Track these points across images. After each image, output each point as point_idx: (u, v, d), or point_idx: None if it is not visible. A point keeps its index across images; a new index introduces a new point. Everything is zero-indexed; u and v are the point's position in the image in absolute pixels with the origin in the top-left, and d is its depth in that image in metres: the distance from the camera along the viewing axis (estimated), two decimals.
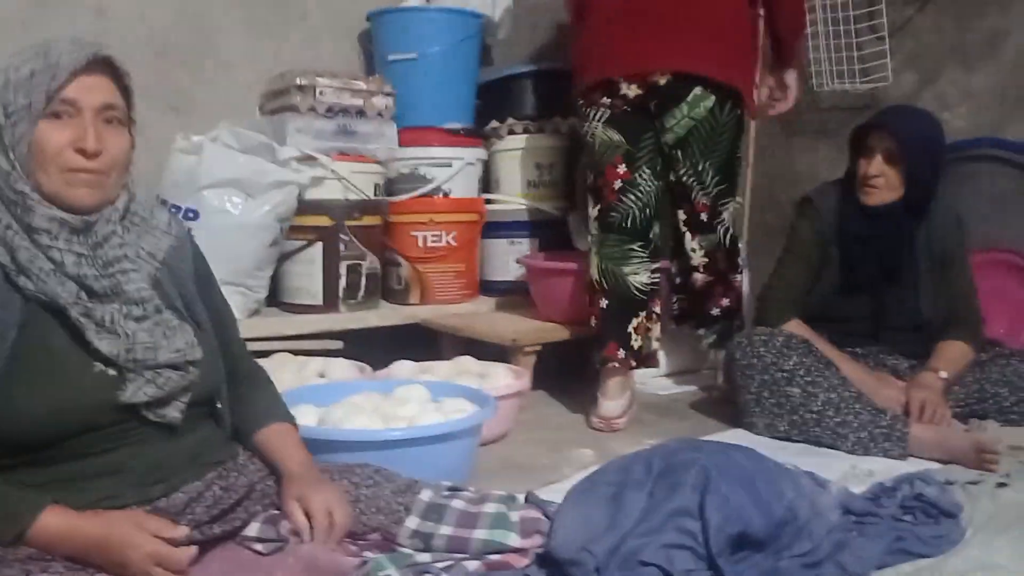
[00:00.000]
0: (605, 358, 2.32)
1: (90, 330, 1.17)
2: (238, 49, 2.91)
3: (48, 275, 1.16)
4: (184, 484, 1.26)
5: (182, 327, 1.27)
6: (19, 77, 1.16)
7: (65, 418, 1.16)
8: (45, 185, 1.17)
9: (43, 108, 1.16)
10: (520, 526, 1.34)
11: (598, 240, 2.37)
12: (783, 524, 1.26)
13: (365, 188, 2.72)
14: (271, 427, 1.41)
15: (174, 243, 1.34)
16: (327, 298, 2.68)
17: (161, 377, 1.21)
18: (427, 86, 2.89)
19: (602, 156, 2.34)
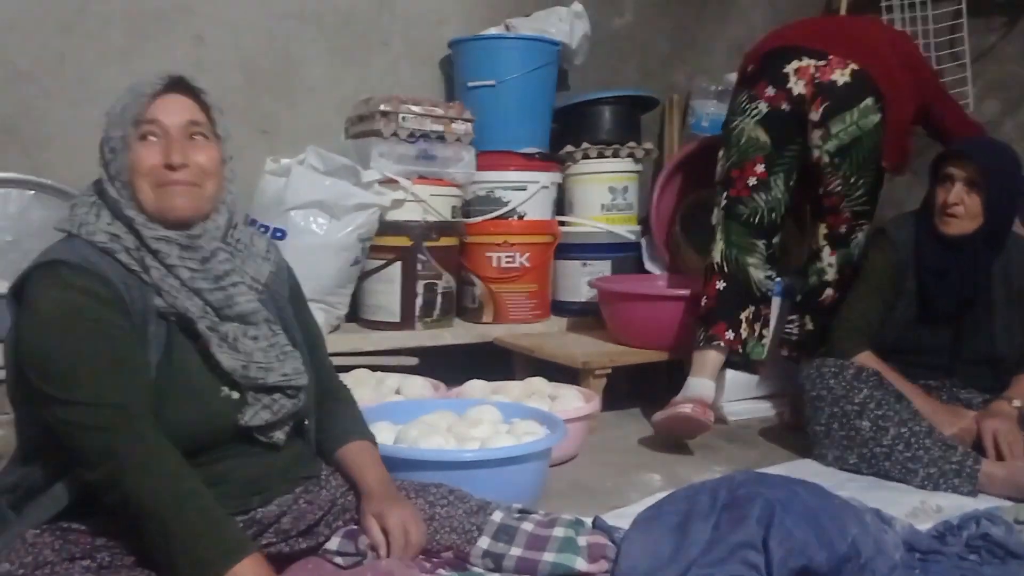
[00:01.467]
0: (711, 336, 2.38)
1: (214, 343, 1.26)
2: (323, 75, 3.02)
3: (178, 291, 1.26)
4: (277, 497, 1.35)
5: (294, 353, 1.35)
6: (114, 114, 1.29)
7: (194, 436, 1.25)
8: (147, 204, 1.27)
9: (133, 133, 1.27)
10: (588, 551, 1.39)
11: (724, 227, 2.43)
12: (846, 560, 1.29)
13: (443, 210, 2.80)
14: (351, 444, 1.47)
15: (273, 268, 1.44)
16: (404, 316, 2.77)
17: (276, 404, 1.31)
18: (505, 112, 2.96)
19: (744, 151, 2.41)
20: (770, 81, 2.37)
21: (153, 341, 1.24)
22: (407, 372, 2.52)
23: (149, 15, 2.73)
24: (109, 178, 1.29)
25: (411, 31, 3.17)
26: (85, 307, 1.20)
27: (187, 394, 1.25)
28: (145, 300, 1.25)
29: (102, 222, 1.27)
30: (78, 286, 1.20)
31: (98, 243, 1.25)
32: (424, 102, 2.80)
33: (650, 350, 2.69)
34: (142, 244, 1.27)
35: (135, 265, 1.25)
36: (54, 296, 1.20)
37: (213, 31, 2.84)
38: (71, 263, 1.21)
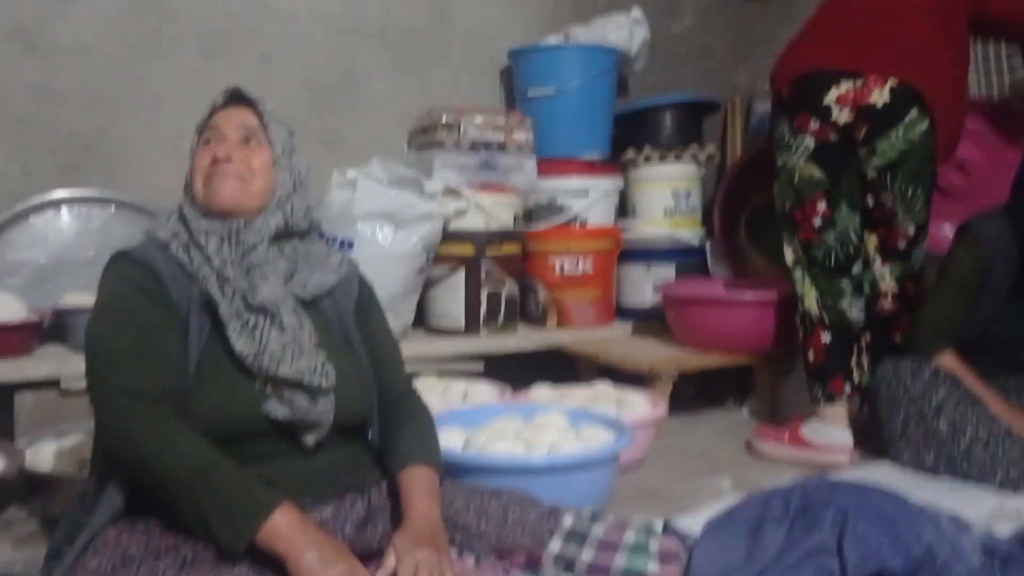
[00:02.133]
0: (831, 394, 2.30)
1: (231, 327, 1.32)
2: (385, 89, 3.09)
3: (209, 279, 1.34)
4: (331, 501, 1.37)
5: (314, 352, 1.36)
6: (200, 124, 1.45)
7: (225, 422, 1.30)
8: (198, 197, 1.40)
9: (198, 140, 1.43)
10: (659, 555, 1.39)
11: (809, 273, 2.33)
12: (922, 564, 1.26)
13: (505, 218, 2.83)
14: (408, 470, 1.40)
15: (341, 279, 1.50)
16: (469, 322, 2.80)
17: (295, 402, 1.32)
18: (565, 119, 2.98)
19: (801, 190, 2.30)
20: (812, 113, 2.23)
21: (195, 331, 1.32)
22: (473, 378, 2.55)
23: (218, 36, 2.83)
24: (184, 186, 1.44)
25: (471, 43, 3.21)
26: (131, 298, 1.32)
27: (219, 381, 1.31)
28: (189, 291, 1.34)
29: (172, 220, 1.41)
30: (127, 277, 1.33)
31: (160, 239, 1.38)
32: (485, 112, 2.84)
33: (717, 354, 2.67)
34: (190, 236, 1.38)
35: (183, 257, 1.36)
36: (111, 286, 1.34)
37: (279, 49, 2.92)
38: (130, 256, 1.35)
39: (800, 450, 2.26)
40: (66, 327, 2.40)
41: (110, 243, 2.61)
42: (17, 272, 2.54)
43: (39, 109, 2.61)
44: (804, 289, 2.34)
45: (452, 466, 1.68)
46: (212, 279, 1.34)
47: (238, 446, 1.30)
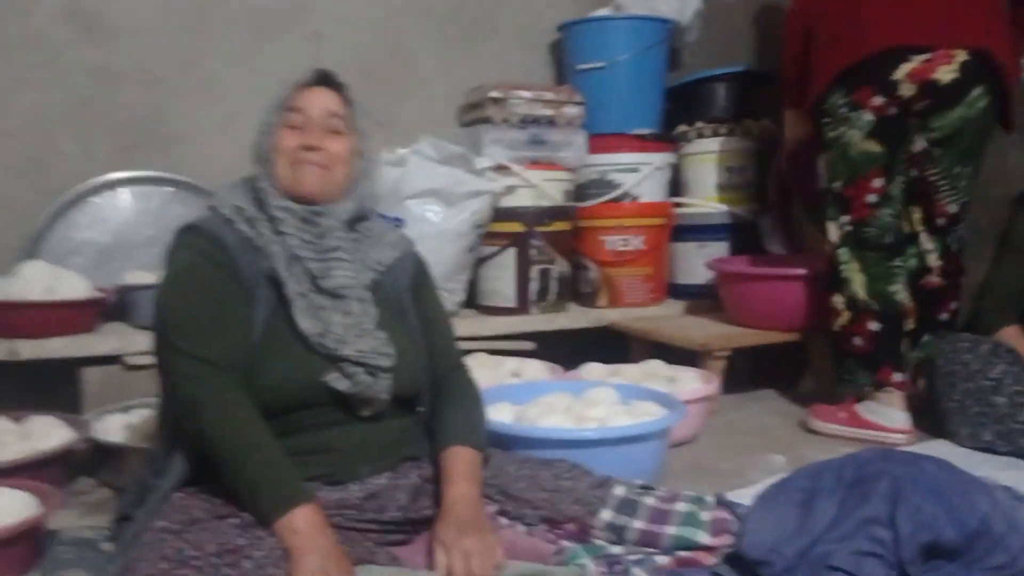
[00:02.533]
0: (880, 382, 2.21)
1: (297, 307, 1.36)
2: (434, 66, 3.09)
3: (277, 257, 1.38)
4: (387, 469, 1.41)
5: (374, 333, 1.40)
6: (270, 103, 1.46)
7: (288, 392, 1.35)
8: (280, 179, 1.43)
9: (280, 118, 1.44)
10: (710, 525, 1.39)
11: (857, 257, 2.23)
12: (976, 536, 1.24)
13: (555, 195, 2.82)
14: (450, 450, 1.41)
15: (399, 256, 1.54)
16: (519, 301, 2.80)
17: (356, 377, 1.36)
18: (615, 93, 2.95)
19: (857, 167, 2.20)
20: (878, 89, 2.13)
21: (260, 302, 1.37)
22: (524, 356, 2.56)
23: (269, 16, 2.86)
24: (255, 157, 1.46)
25: (520, 17, 3.20)
26: (200, 268, 1.37)
27: (283, 352, 1.35)
28: (257, 265, 1.38)
29: (235, 196, 1.44)
30: (197, 247, 1.38)
31: (224, 214, 1.41)
32: (534, 87, 2.83)
33: (771, 331, 2.63)
34: (263, 212, 1.41)
35: (250, 232, 1.39)
36: (180, 257, 1.39)
37: (329, 28, 2.94)
38: (199, 227, 1.40)
39: (857, 429, 2.22)
40: (128, 305, 2.47)
41: (168, 223, 2.65)
42: (80, 252, 2.61)
43: (98, 91, 2.67)
44: (850, 272, 2.23)
45: (503, 439, 1.69)
46: (280, 257, 1.38)
47: (299, 414, 1.36)
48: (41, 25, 2.59)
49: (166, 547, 1.18)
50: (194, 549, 1.17)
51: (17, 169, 2.59)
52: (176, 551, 1.17)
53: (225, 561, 1.16)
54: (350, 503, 1.35)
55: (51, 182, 2.61)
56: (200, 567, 1.15)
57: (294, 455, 1.32)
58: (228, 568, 1.15)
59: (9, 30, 2.56)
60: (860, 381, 2.24)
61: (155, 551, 1.18)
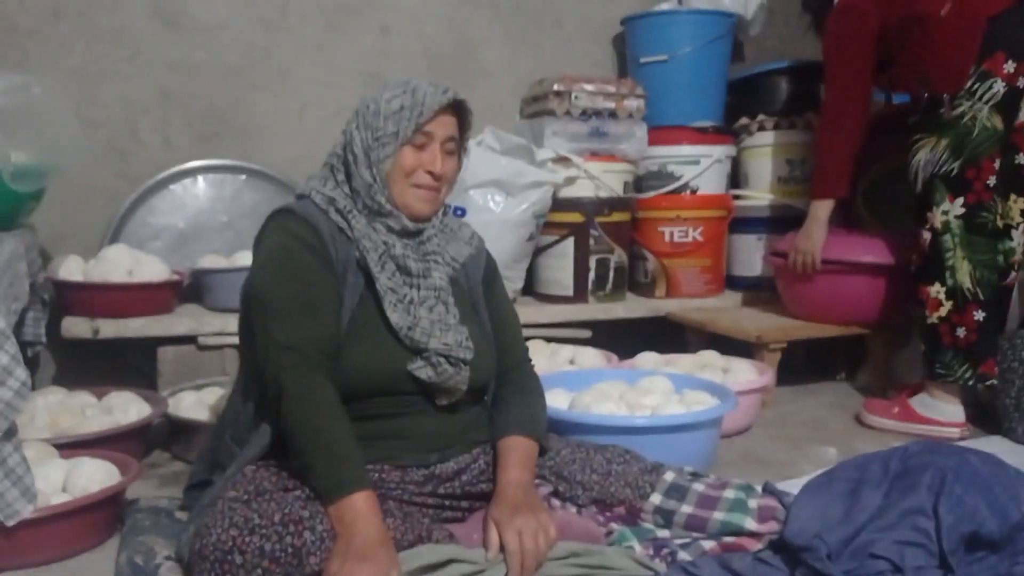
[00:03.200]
0: (983, 375, 2.14)
1: (387, 300, 1.43)
2: (498, 58, 3.15)
3: (370, 251, 1.44)
4: (455, 455, 1.47)
5: (458, 328, 1.47)
6: (390, 109, 1.44)
7: (372, 376, 1.42)
8: (397, 197, 1.47)
9: (409, 136, 1.44)
10: (757, 512, 1.43)
11: (967, 243, 2.14)
12: (1019, 528, 1.26)
13: (615, 186, 2.86)
14: (507, 439, 1.47)
15: (473, 252, 1.60)
16: (577, 289, 2.85)
17: (440, 367, 1.43)
18: (677, 86, 2.98)
19: (979, 145, 2.10)
20: (1009, 53, 2.03)
21: (350, 289, 1.43)
22: (581, 344, 2.61)
23: (341, 9, 2.94)
24: (363, 160, 1.46)
25: (583, 10, 3.23)
26: (295, 251, 1.41)
27: (370, 339, 1.42)
28: (348, 252, 1.44)
29: (327, 187, 1.49)
30: (292, 232, 1.43)
31: (317, 202, 1.47)
32: (596, 80, 2.86)
33: (828, 324, 2.63)
34: (355, 204, 1.46)
35: (342, 222, 1.45)
36: (274, 240, 1.44)
37: (397, 21, 3.01)
38: (295, 212, 1.45)
39: (911, 423, 2.22)
40: (202, 287, 2.58)
41: (241, 209, 2.79)
42: (159, 236, 2.74)
43: (178, 83, 2.79)
44: (956, 261, 2.14)
45: (558, 424, 1.75)
46: (372, 250, 1.44)
47: (378, 400, 1.43)
48: (126, 20, 2.72)
49: (236, 515, 1.25)
50: (260, 518, 1.24)
51: (102, 157, 2.72)
52: (245, 519, 1.24)
53: (289, 531, 1.23)
54: (412, 480, 1.43)
55: (133, 169, 2.74)
56: (266, 535, 1.22)
57: (368, 439, 1.39)
58: (291, 537, 1.22)
59: (97, 25, 2.69)
60: (961, 375, 2.15)
61: (226, 518, 1.25)
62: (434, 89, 1.46)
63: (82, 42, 2.67)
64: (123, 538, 1.52)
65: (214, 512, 1.29)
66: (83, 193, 2.69)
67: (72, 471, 1.56)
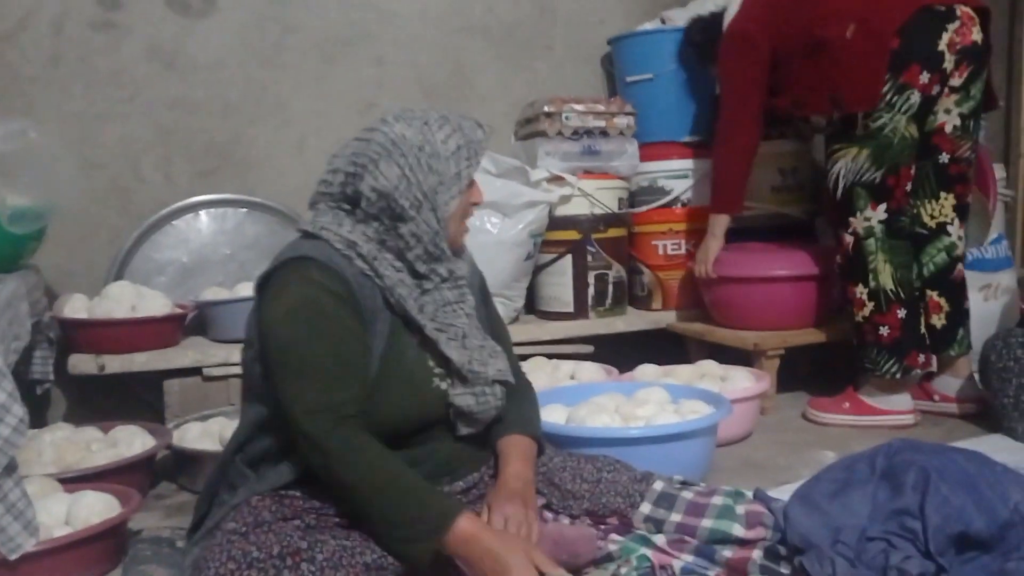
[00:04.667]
0: (908, 367, 2.27)
1: (443, 340, 1.41)
2: (492, 83, 3.20)
3: (407, 300, 1.40)
4: (465, 475, 1.48)
5: (501, 353, 1.50)
6: (448, 150, 1.39)
7: (407, 419, 1.40)
8: (452, 237, 1.44)
9: (471, 177, 1.42)
10: (745, 518, 1.44)
11: (887, 247, 2.25)
12: (1009, 526, 1.27)
13: (609, 203, 2.89)
14: (508, 437, 1.51)
15: (470, 270, 1.59)
16: (577, 305, 2.88)
17: (483, 395, 1.44)
18: (664, 103, 3.01)
19: (899, 154, 2.20)
20: (924, 65, 2.13)
21: (379, 334, 1.39)
22: (583, 359, 2.63)
23: (336, 42, 3.00)
24: (428, 206, 1.38)
25: (573, 33, 3.28)
26: (323, 303, 1.33)
27: (405, 381, 1.40)
28: (375, 298, 1.38)
29: (344, 228, 1.39)
30: (319, 282, 1.33)
31: (336, 246, 1.37)
32: (586, 100, 2.90)
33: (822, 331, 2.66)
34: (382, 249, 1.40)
35: (368, 270, 1.38)
36: (299, 291, 1.33)
37: (392, 52, 3.07)
38: (318, 260, 1.35)
39: (865, 416, 2.27)
40: (206, 319, 2.63)
41: (244, 241, 2.85)
42: (163, 271, 2.79)
43: (178, 121, 2.85)
44: (878, 264, 2.25)
45: (553, 439, 1.77)
46: (408, 297, 1.40)
47: (410, 437, 1.41)
48: (124, 63, 2.79)
49: (234, 548, 1.25)
50: (259, 551, 1.24)
51: (104, 196, 2.78)
52: (243, 552, 1.24)
53: (287, 564, 1.22)
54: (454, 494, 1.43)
55: (136, 207, 2.80)
56: (263, 568, 1.22)
57: None
58: (289, 571, 1.22)
59: (97, 67, 2.76)
60: (887, 369, 2.27)
61: (224, 552, 1.25)
62: (472, 124, 1.44)
63: (81, 86, 2.74)
64: (125, 568, 1.55)
65: (212, 544, 1.29)
66: (87, 232, 2.75)
67: (74, 504, 1.59)
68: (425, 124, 1.39)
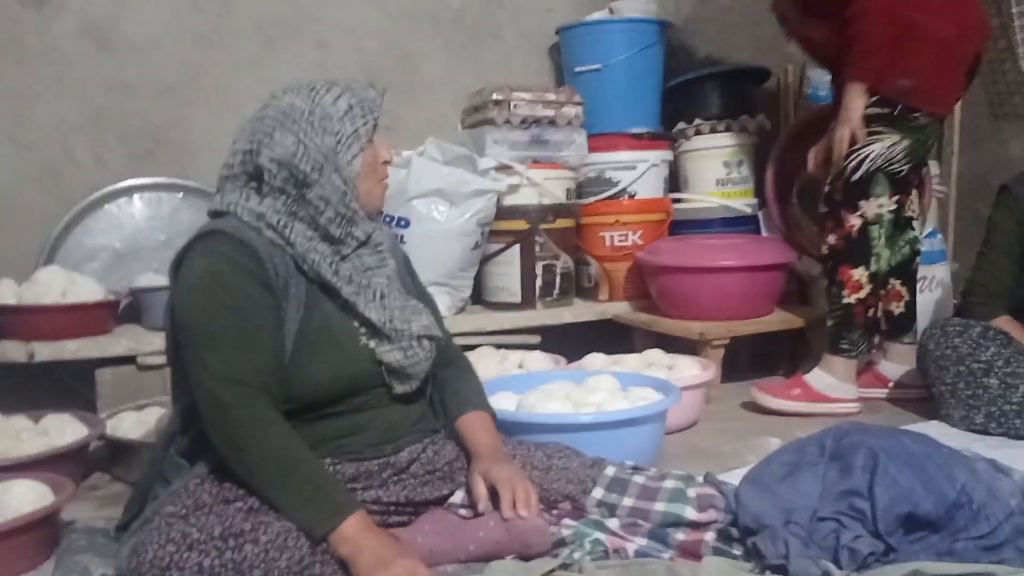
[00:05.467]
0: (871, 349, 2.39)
1: (361, 303, 1.42)
2: (439, 70, 3.16)
3: (322, 264, 1.40)
4: (408, 445, 1.48)
5: (424, 309, 1.50)
6: (339, 110, 1.40)
7: (336, 381, 1.41)
8: (365, 196, 1.45)
9: (371, 134, 1.44)
10: (697, 501, 1.44)
11: (889, 235, 2.30)
12: (956, 507, 1.29)
13: (558, 193, 2.88)
14: (470, 414, 1.55)
15: (391, 242, 1.59)
16: (525, 296, 2.86)
17: (411, 350, 1.44)
18: (613, 94, 3.01)
19: (927, 153, 2.37)
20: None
21: (294, 300, 1.38)
22: (530, 350, 2.61)
23: (277, 25, 2.93)
24: (330, 167, 1.38)
25: (521, 22, 3.26)
26: (228, 274, 1.33)
27: (330, 343, 1.40)
28: (287, 266, 1.39)
29: (251, 202, 1.40)
30: (225, 254, 1.34)
31: (245, 219, 1.39)
32: (534, 89, 2.89)
33: (767, 321, 2.69)
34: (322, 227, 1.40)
35: (279, 240, 1.39)
36: (204, 264, 1.34)
37: (336, 36, 3.01)
38: (226, 232, 1.36)
39: (815, 403, 2.31)
40: (141, 307, 2.54)
41: (179, 228, 2.76)
42: (95, 257, 2.69)
43: (112, 102, 2.75)
44: (880, 249, 2.28)
45: (504, 425, 1.74)
46: (323, 263, 1.40)
47: (343, 401, 1.42)
48: (57, 40, 2.68)
49: (173, 531, 1.22)
50: (199, 532, 1.21)
51: (35, 179, 2.67)
52: (182, 535, 1.21)
53: (229, 545, 1.20)
54: (367, 471, 1.43)
55: (67, 190, 2.69)
56: (205, 550, 1.19)
57: (327, 438, 1.40)
58: (231, 552, 1.19)
59: (27, 45, 2.65)
60: (861, 351, 2.33)
61: (163, 535, 1.21)
62: (362, 84, 1.47)
63: (11, 64, 2.63)
64: (58, 559, 1.48)
65: (151, 528, 1.25)
66: (16, 216, 2.64)
67: (4, 494, 1.51)
68: (312, 90, 1.42)
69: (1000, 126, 2.85)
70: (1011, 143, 2.88)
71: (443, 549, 1.40)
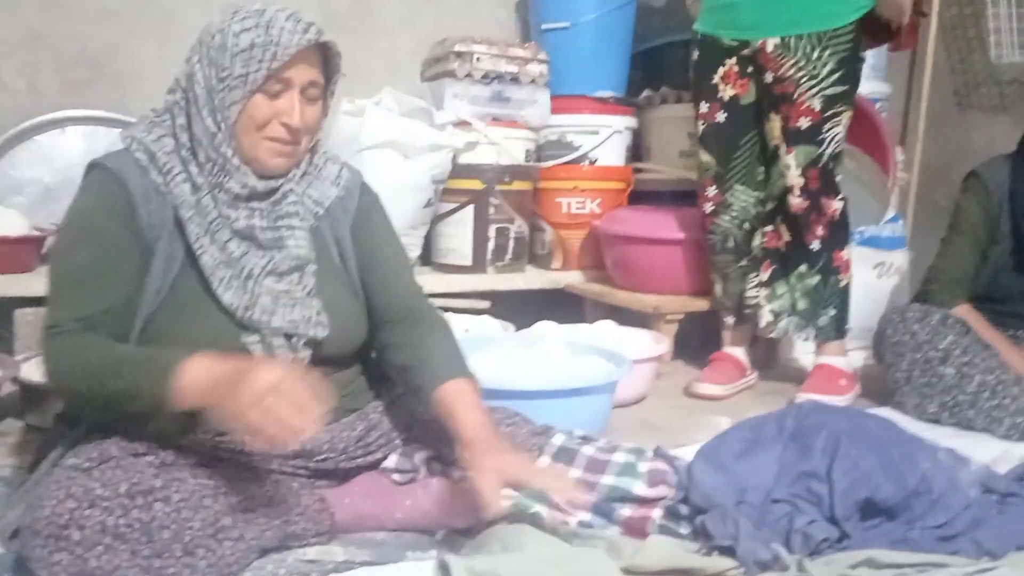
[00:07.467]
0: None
1: (217, 278, 1.24)
2: (399, 16, 3.03)
3: (191, 221, 1.24)
4: (330, 424, 1.32)
5: (306, 302, 1.30)
6: (238, 46, 1.22)
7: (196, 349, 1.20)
8: (246, 150, 1.27)
9: (260, 84, 1.23)
10: (647, 476, 1.37)
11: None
12: (916, 494, 1.24)
13: (516, 153, 2.78)
14: (447, 386, 1.32)
15: (341, 194, 1.41)
16: (476, 259, 2.77)
17: (274, 346, 1.26)
18: (579, 54, 2.91)
19: None
20: None
21: (162, 256, 1.25)
22: (479, 315, 2.53)
23: None
24: (206, 103, 1.25)
25: None
26: (94, 214, 1.24)
27: (195, 308, 1.25)
28: (164, 215, 1.25)
29: (151, 136, 1.28)
30: (97, 191, 1.25)
31: (136, 155, 1.27)
32: (499, 42, 2.77)
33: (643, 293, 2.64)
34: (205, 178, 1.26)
35: (163, 184, 1.25)
36: (78, 200, 1.27)
37: None
38: (104, 166, 1.26)
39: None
40: None
41: None
42: (22, 191, 2.53)
43: (48, 24, 2.58)
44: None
45: None
46: (195, 221, 1.25)
47: None
48: None
49: (74, 485, 1.10)
50: (103, 488, 1.10)
51: None
52: (84, 490, 1.09)
53: (136, 503, 1.09)
54: (278, 454, 1.29)
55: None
56: (109, 508, 1.08)
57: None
58: (139, 510, 1.09)
59: None
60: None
61: (62, 489, 1.09)
62: (293, 25, 1.24)
63: None
64: None
65: (49, 481, 1.13)
66: None
67: None
68: (235, 13, 1.26)
69: (964, 116, 2.83)
70: (973, 134, 2.87)
71: (372, 513, 1.32)
